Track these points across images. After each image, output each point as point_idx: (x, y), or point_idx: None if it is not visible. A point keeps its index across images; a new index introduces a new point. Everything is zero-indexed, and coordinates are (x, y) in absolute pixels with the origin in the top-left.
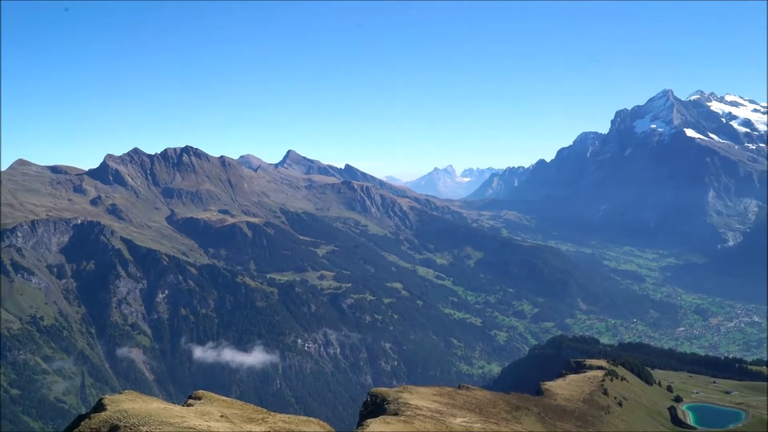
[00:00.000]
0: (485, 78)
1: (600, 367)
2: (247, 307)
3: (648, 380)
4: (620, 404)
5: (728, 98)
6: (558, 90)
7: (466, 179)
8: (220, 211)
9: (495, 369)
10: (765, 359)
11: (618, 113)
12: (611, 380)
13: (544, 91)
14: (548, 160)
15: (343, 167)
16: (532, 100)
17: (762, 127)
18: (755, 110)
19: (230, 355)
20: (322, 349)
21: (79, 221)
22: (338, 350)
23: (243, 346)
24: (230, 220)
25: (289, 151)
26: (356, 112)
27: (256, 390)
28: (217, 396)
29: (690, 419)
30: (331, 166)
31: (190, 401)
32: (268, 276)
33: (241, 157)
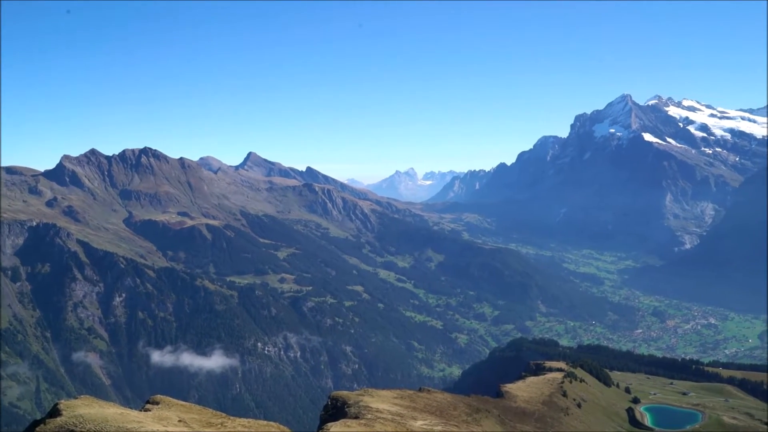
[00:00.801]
0: (446, 81)
1: (559, 369)
2: (206, 311)
3: (606, 382)
4: (579, 406)
5: (685, 103)
6: (519, 94)
7: (428, 182)
8: (179, 214)
9: (456, 371)
10: (721, 361)
11: (578, 117)
12: (570, 382)
13: (505, 95)
14: (509, 163)
15: (304, 170)
16: (493, 103)
17: (718, 132)
18: (712, 115)
19: (189, 359)
20: (282, 352)
21: (35, 223)
22: (299, 354)
23: (202, 350)
24: (189, 223)
25: (249, 153)
26: (318, 115)
27: (216, 394)
28: (175, 401)
29: (647, 420)
30: (292, 169)
31: (148, 406)
32: (228, 279)
33: (201, 158)
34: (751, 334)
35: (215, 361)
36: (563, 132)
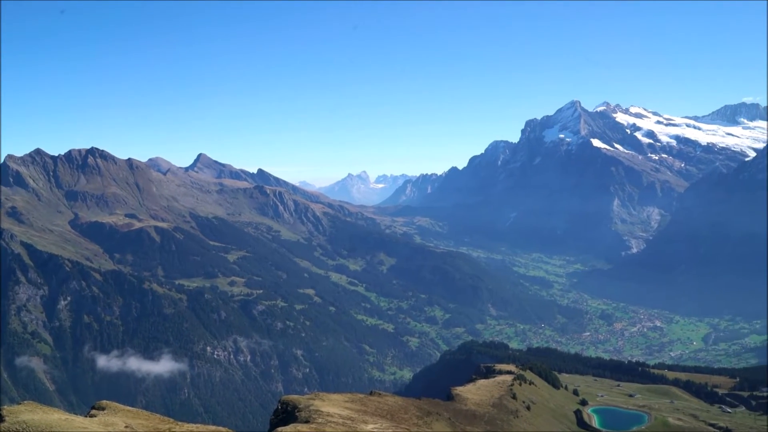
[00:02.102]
0: (399, 85)
1: (509, 372)
2: (154, 314)
3: (555, 384)
4: (528, 408)
5: (633, 110)
6: (471, 98)
7: (380, 185)
8: (127, 215)
9: (407, 375)
10: (667, 363)
11: (528, 123)
12: (520, 385)
13: (457, 99)
14: (461, 167)
15: (255, 172)
16: (445, 107)
17: (664, 139)
18: (658, 122)
19: (136, 364)
20: (232, 356)
21: None
22: (249, 358)
23: (150, 354)
24: (137, 225)
25: (199, 155)
26: (270, 117)
27: (163, 399)
28: (121, 406)
29: (595, 422)
30: (243, 171)
31: (93, 412)
32: (177, 282)
33: (150, 159)
34: (696, 337)
35: (163, 366)
36: (514, 137)
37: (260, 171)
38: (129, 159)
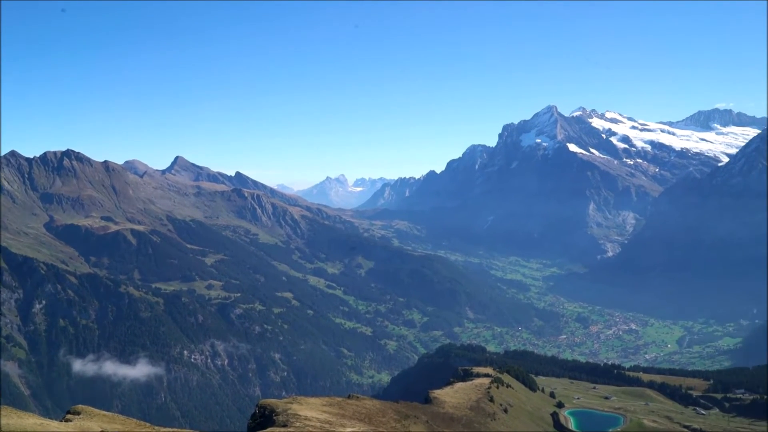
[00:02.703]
0: (377, 89)
1: (486, 375)
2: (130, 318)
3: (532, 387)
4: (506, 411)
5: (608, 115)
6: (449, 102)
7: (359, 189)
8: (103, 218)
9: (385, 378)
10: (642, 366)
11: (505, 127)
12: (497, 387)
13: (435, 103)
14: (438, 171)
15: (233, 175)
16: (423, 111)
17: (639, 144)
18: (633, 127)
19: (112, 368)
20: (209, 360)
21: None
22: (226, 361)
23: (126, 358)
24: (114, 228)
25: (177, 158)
26: (248, 119)
27: (140, 404)
28: (97, 411)
29: (571, 424)
30: (220, 174)
31: (69, 416)
32: (154, 286)
33: (126, 162)
34: (670, 340)
35: (140, 370)
36: (491, 141)
37: (238, 174)
38: (105, 161)
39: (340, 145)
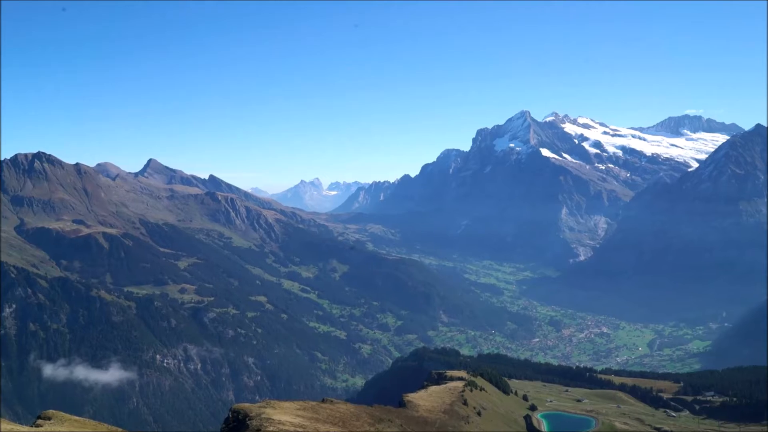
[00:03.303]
0: (353, 93)
1: (460, 378)
2: (102, 322)
3: (505, 390)
4: (479, 414)
5: (581, 120)
6: (424, 107)
7: (333, 192)
8: (74, 221)
9: (359, 382)
10: (613, 368)
11: (479, 132)
12: (471, 391)
13: (410, 107)
14: (413, 175)
15: (207, 178)
16: (398, 115)
17: (611, 149)
18: (605, 132)
19: (83, 373)
20: (182, 364)
21: None
22: (199, 366)
23: (97, 362)
24: (85, 231)
25: (150, 160)
26: (222, 122)
27: (111, 409)
28: (68, 416)
29: (544, 427)
30: (194, 177)
31: (40, 422)
32: (126, 289)
33: (99, 164)
34: (641, 343)
35: (111, 375)
36: (466, 146)
37: (212, 177)
38: (77, 164)
39: (314, 148)
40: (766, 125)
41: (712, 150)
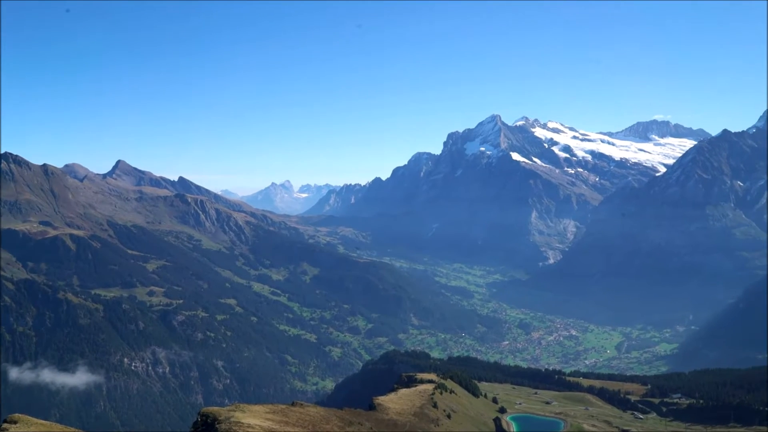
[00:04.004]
0: (323, 95)
1: (430, 381)
2: (69, 325)
3: (475, 392)
4: (449, 416)
5: (551, 125)
6: (395, 110)
7: (304, 195)
8: (41, 223)
9: (329, 385)
10: (582, 371)
11: (450, 135)
12: (441, 393)
13: (381, 110)
14: (384, 178)
15: (176, 180)
16: (369, 118)
17: (580, 153)
18: (574, 137)
19: (50, 376)
20: (150, 368)
21: None
22: (167, 369)
23: (64, 366)
24: (52, 233)
25: (118, 162)
26: (192, 124)
27: (78, 412)
28: (34, 419)
29: (513, 429)
30: (163, 178)
31: (5, 426)
32: (93, 292)
33: (66, 166)
34: (609, 345)
35: (78, 378)
36: (437, 149)
37: (181, 179)
38: (44, 165)
39: (285, 151)
40: (732, 131)
41: (680, 155)
